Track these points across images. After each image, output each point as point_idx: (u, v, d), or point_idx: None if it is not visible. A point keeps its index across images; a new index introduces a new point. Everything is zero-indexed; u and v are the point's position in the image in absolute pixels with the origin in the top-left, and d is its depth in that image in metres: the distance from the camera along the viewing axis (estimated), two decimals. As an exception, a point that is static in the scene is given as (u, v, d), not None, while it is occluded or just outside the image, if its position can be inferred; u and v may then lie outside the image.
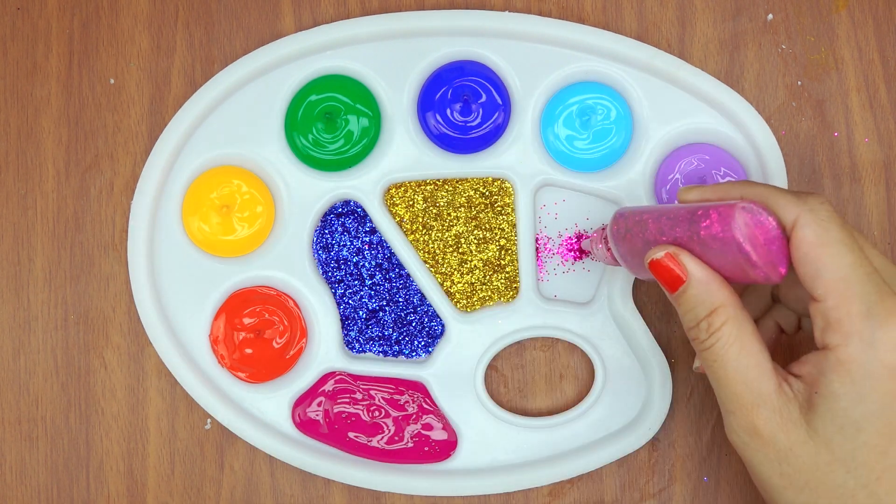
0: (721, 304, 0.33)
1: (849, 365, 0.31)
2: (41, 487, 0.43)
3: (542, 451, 0.42)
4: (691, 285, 0.33)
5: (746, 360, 0.33)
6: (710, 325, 0.33)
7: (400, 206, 0.43)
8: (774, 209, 0.32)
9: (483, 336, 0.42)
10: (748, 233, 0.32)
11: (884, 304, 0.31)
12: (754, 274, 0.32)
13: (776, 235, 0.32)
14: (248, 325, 0.42)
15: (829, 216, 0.32)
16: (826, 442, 0.32)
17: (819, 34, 0.43)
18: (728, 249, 0.32)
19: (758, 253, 0.32)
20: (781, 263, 0.32)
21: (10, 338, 0.43)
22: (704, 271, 0.33)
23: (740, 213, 0.32)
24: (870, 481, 0.31)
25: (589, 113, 0.41)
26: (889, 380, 0.31)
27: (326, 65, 0.42)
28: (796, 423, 0.32)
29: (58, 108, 0.43)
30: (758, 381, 0.33)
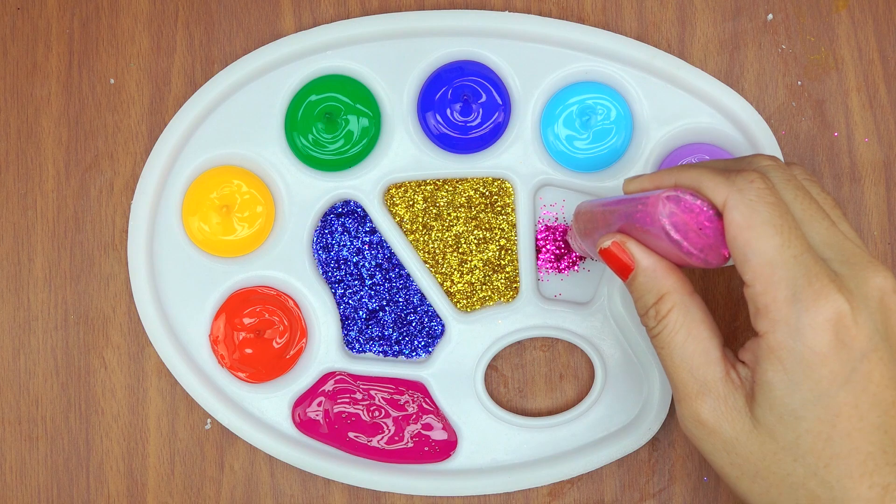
0: (668, 290, 0.33)
1: (779, 352, 0.31)
2: (41, 487, 0.43)
3: (542, 451, 0.42)
4: (639, 273, 0.33)
5: (693, 346, 0.33)
6: (658, 312, 0.33)
7: (400, 206, 0.43)
8: (706, 193, 0.32)
9: (483, 336, 0.42)
10: (676, 221, 0.31)
11: (811, 287, 0.30)
12: (692, 260, 0.32)
13: (710, 219, 0.32)
14: (248, 325, 0.42)
15: (758, 195, 0.31)
16: (769, 431, 0.31)
17: (819, 34, 0.43)
18: (661, 238, 0.32)
19: (690, 240, 0.32)
20: (723, 246, 0.32)
21: (10, 338, 0.43)
22: (650, 259, 0.33)
23: (664, 202, 0.32)
24: (818, 468, 0.31)
25: (589, 113, 0.41)
26: (820, 365, 0.30)
27: (326, 65, 0.42)
28: (741, 412, 0.32)
29: (58, 108, 0.43)
30: (703, 368, 0.33)
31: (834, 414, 0.30)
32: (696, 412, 0.33)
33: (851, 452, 0.30)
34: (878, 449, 0.30)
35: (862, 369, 0.30)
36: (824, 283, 0.30)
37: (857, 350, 0.30)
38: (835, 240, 0.32)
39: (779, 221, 0.31)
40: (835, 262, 0.31)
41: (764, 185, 0.31)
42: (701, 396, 0.33)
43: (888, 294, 0.31)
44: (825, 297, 0.30)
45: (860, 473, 0.30)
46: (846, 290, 0.30)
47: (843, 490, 0.31)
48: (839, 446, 0.31)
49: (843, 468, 0.31)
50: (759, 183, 0.31)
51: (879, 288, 0.31)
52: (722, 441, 0.32)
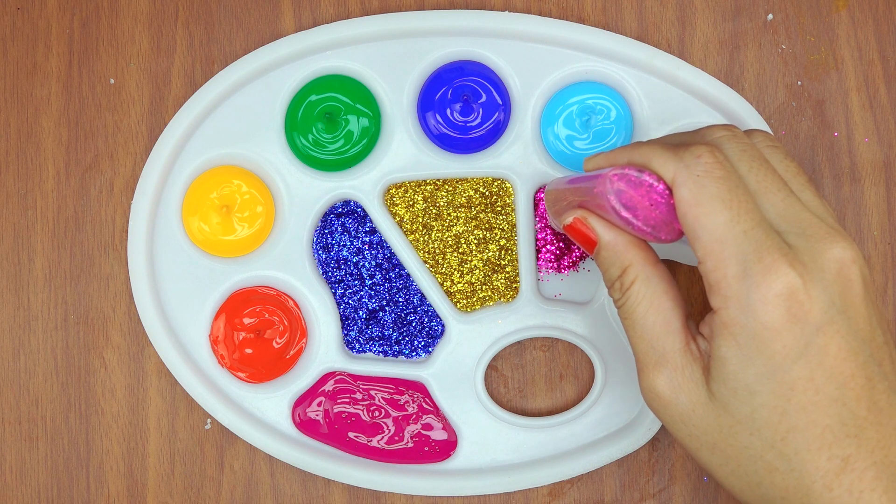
0: (630, 263, 0.33)
1: (732, 328, 0.30)
2: (41, 487, 0.43)
3: (542, 451, 0.42)
4: (601, 247, 0.33)
5: (654, 317, 0.33)
6: (623, 285, 0.33)
7: (400, 206, 0.43)
8: (656, 169, 0.31)
9: (483, 336, 0.42)
10: (625, 198, 0.32)
11: (761, 262, 0.30)
12: (646, 236, 0.32)
13: (661, 195, 0.31)
14: (248, 325, 0.42)
15: (706, 170, 0.31)
16: (724, 405, 0.31)
17: (819, 34, 0.43)
18: (612, 215, 0.32)
19: (640, 216, 0.32)
20: (676, 221, 0.32)
21: (10, 338, 0.43)
22: (611, 233, 0.33)
23: (611, 179, 0.32)
24: (775, 441, 0.31)
25: (589, 113, 0.41)
26: (773, 340, 0.30)
27: (326, 65, 0.42)
28: (698, 384, 0.32)
29: (58, 108, 0.44)
30: (662, 339, 0.32)
31: (789, 388, 0.30)
32: (654, 383, 0.33)
33: (808, 425, 0.30)
34: (837, 421, 0.30)
35: (817, 342, 0.30)
36: (775, 258, 0.30)
37: (811, 324, 0.30)
38: (791, 211, 0.31)
39: (727, 196, 0.30)
40: (790, 235, 0.31)
41: (713, 160, 0.31)
42: (659, 367, 0.32)
43: (846, 265, 0.31)
44: (775, 272, 0.30)
45: (818, 446, 0.30)
46: (799, 263, 0.30)
47: (802, 462, 0.30)
48: (795, 420, 0.30)
49: (801, 441, 0.30)
50: (706, 157, 0.31)
51: (837, 259, 0.30)
52: (679, 413, 0.32)
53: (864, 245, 0.43)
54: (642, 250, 0.33)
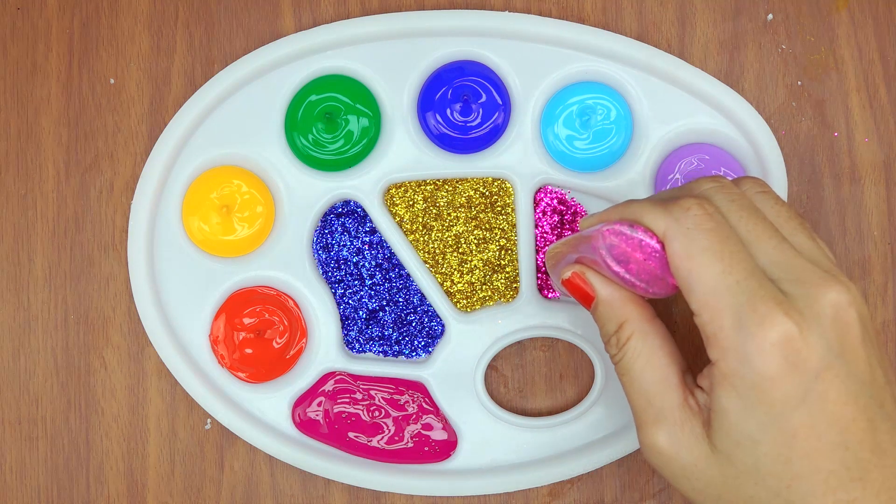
0: (626, 319, 0.33)
1: (731, 379, 0.30)
2: (41, 487, 0.43)
3: (542, 451, 0.42)
4: (598, 302, 0.34)
5: (651, 374, 0.33)
6: (619, 340, 0.33)
7: (400, 206, 0.43)
8: (647, 224, 0.32)
9: (483, 336, 0.42)
10: (617, 252, 0.32)
11: (756, 312, 0.30)
12: (640, 291, 0.32)
13: (654, 250, 0.32)
14: (248, 325, 0.42)
15: (696, 222, 0.31)
16: (727, 456, 0.31)
17: (819, 34, 0.43)
18: (605, 270, 0.33)
19: (632, 271, 0.32)
20: (670, 276, 0.32)
21: (10, 338, 0.43)
22: (608, 288, 0.33)
23: (603, 235, 0.32)
24: (780, 490, 0.31)
25: (589, 113, 0.41)
26: (772, 389, 0.30)
27: (326, 65, 0.42)
28: (699, 439, 0.32)
29: (58, 108, 0.44)
30: (661, 395, 0.33)
31: (791, 436, 0.30)
32: (654, 439, 0.33)
33: (812, 472, 0.30)
34: (841, 466, 0.30)
35: (816, 389, 0.30)
36: (769, 307, 0.30)
37: (810, 370, 0.30)
38: (784, 258, 0.31)
39: (719, 247, 0.31)
40: (785, 282, 0.31)
41: (701, 212, 0.31)
42: (658, 423, 0.33)
43: (842, 309, 0.30)
44: (770, 321, 0.30)
45: (823, 492, 0.30)
46: (795, 310, 0.30)
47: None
48: (799, 467, 0.30)
49: (806, 488, 0.30)
50: (695, 210, 0.31)
51: (833, 304, 0.30)
52: (681, 467, 0.32)
53: (864, 245, 0.43)
54: (639, 306, 0.33)
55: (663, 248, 0.32)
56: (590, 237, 0.33)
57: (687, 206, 0.31)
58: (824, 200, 0.43)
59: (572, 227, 0.42)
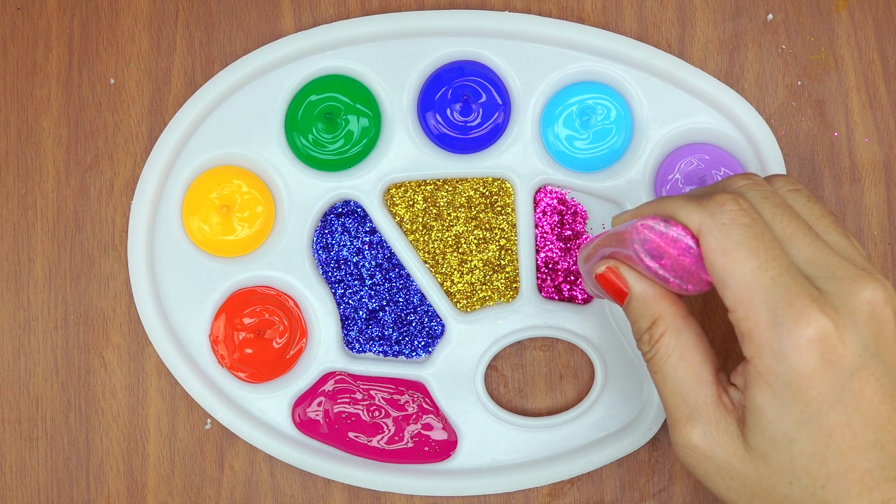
0: (660, 315, 0.33)
1: (766, 376, 0.30)
2: (41, 487, 0.43)
3: (542, 451, 0.42)
4: (632, 298, 0.33)
5: (684, 371, 0.32)
6: (651, 337, 0.33)
7: (400, 206, 0.43)
8: (682, 220, 0.32)
9: (483, 336, 0.42)
10: (651, 247, 0.32)
11: (792, 308, 0.30)
12: (673, 287, 0.32)
13: (688, 246, 0.32)
14: (248, 325, 0.42)
15: (731, 218, 0.31)
16: (762, 455, 0.31)
17: (819, 34, 0.43)
18: (639, 265, 0.32)
19: (666, 267, 0.32)
20: (704, 272, 0.32)
21: (10, 338, 0.43)
22: (642, 284, 0.33)
23: (637, 229, 0.32)
24: (815, 489, 0.30)
25: (589, 113, 0.41)
26: (808, 387, 0.30)
27: (326, 65, 0.42)
28: (733, 437, 0.32)
29: (58, 108, 0.44)
30: (694, 392, 0.32)
31: (826, 434, 0.30)
32: (688, 437, 0.32)
33: (847, 471, 0.30)
34: (876, 466, 0.30)
35: (852, 387, 0.30)
36: (805, 304, 0.30)
37: (846, 368, 0.30)
38: (819, 255, 0.31)
39: (754, 243, 0.30)
40: (820, 279, 0.31)
41: (737, 207, 0.31)
42: (692, 421, 0.32)
43: (878, 306, 0.30)
44: (806, 318, 0.30)
45: (858, 491, 0.30)
46: (830, 307, 0.30)
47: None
48: (834, 466, 0.30)
49: (841, 487, 0.30)
50: (731, 205, 0.31)
51: (868, 301, 0.30)
52: (715, 466, 0.32)
53: (864, 245, 0.43)
54: (672, 303, 0.33)
55: (698, 243, 0.31)
56: (623, 232, 0.33)
57: (722, 201, 0.31)
58: (824, 200, 0.43)
59: (572, 227, 0.42)
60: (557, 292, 0.43)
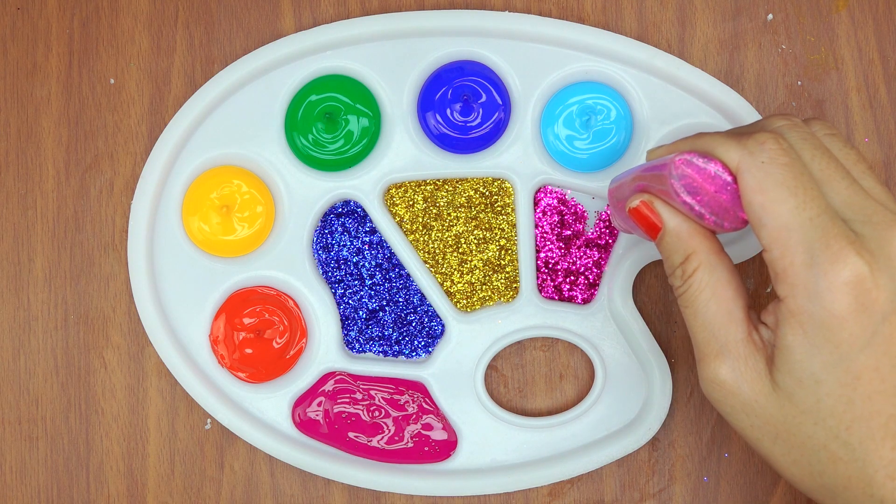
0: (694, 250, 0.33)
1: (799, 316, 0.30)
2: (41, 487, 0.43)
3: (542, 451, 0.42)
4: (666, 233, 0.33)
5: (716, 306, 0.32)
6: (685, 272, 0.33)
7: (400, 206, 0.43)
8: (720, 157, 0.31)
9: (483, 336, 0.42)
10: (688, 183, 0.31)
11: (829, 249, 0.30)
12: (709, 224, 0.32)
13: (726, 182, 0.31)
14: (248, 325, 0.42)
15: (771, 157, 0.30)
16: (789, 395, 0.31)
17: (819, 34, 0.43)
18: (675, 200, 0.32)
19: (703, 203, 0.31)
20: (740, 210, 0.31)
21: (10, 338, 0.43)
22: (677, 219, 0.33)
23: (675, 164, 0.32)
24: (839, 431, 0.30)
25: (589, 113, 0.41)
26: (840, 328, 0.30)
27: (326, 65, 0.42)
28: (761, 375, 0.32)
29: (58, 108, 0.44)
30: (725, 328, 0.32)
31: (854, 377, 0.30)
32: (716, 372, 0.32)
33: (873, 415, 0.30)
34: None
35: (883, 331, 0.30)
36: (842, 245, 0.30)
37: (878, 312, 0.30)
38: (856, 199, 0.31)
39: (793, 183, 0.30)
40: (856, 223, 0.31)
41: (776, 146, 0.31)
42: (721, 356, 0.32)
43: None
44: (843, 260, 0.29)
45: (882, 436, 0.30)
46: (866, 251, 0.30)
47: (865, 452, 0.30)
48: (860, 409, 0.30)
49: (865, 430, 0.30)
50: (770, 144, 0.31)
51: None
52: (741, 402, 0.32)
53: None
54: (706, 238, 0.33)
55: (735, 181, 0.31)
56: (660, 167, 0.32)
57: (762, 140, 0.31)
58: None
59: (572, 227, 0.42)
60: (557, 292, 0.43)
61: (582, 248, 0.42)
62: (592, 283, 0.42)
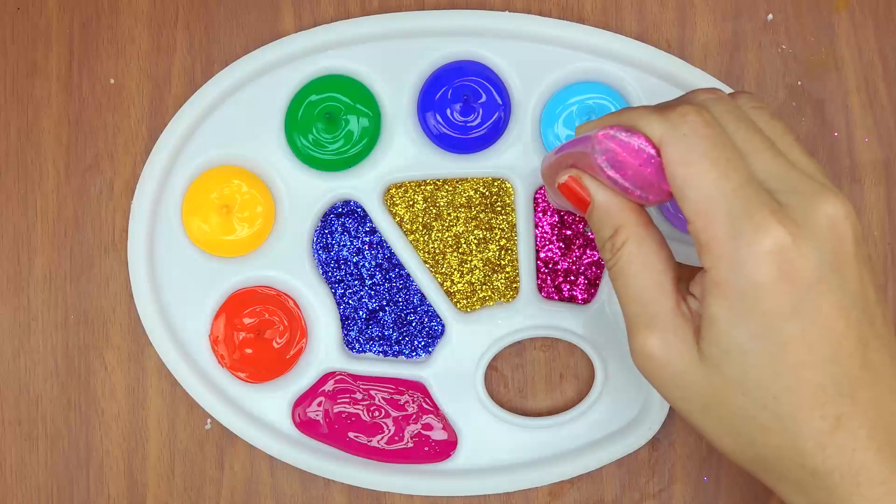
0: (622, 224, 0.32)
1: (723, 287, 0.30)
2: (41, 487, 0.43)
3: (542, 451, 0.42)
4: (594, 207, 0.33)
5: (645, 279, 0.32)
6: (613, 245, 0.33)
7: (400, 206, 0.43)
8: (643, 130, 0.31)
9: (483, 336, 0.42)
10: (611, 157, 0.31)
11: (751, 220, 0.29)
12: (634, 198, 0.32)
13: (650, 156, 0.31)
14: (248, 325, 0.42)
15: (693, 129, 0.30)
16: (716, 365, 0.31)
17: (819, 34, 0.43)
18: (600, 175, 0.32)
19: (628, 176, 0.31)
20: (664, 182, 0.31)
21: (10, 338, 0.43)
22: (604, 193, 0.33)
23: (598, 139, 0.31)
24: (768, 402, 0.30)
25: (589, 113, 0.41)
26: (764, 299, 0.29)
27: (326, 65, 0.42)
28: (689, 346, 0.31)
29: (58, 108, 0.44)
30: (654, 300, 0.32)
31: (781, 347, 0.30)
32: (644, 344, 0.32)
33: (801, 385, 0.30)
34: (830, 380, 0.30)
35: (809, 301, 0.29)
36: (764, 216, 0.29)
37: (803, 282, 0.29)
38: (781, 170, 0.31)
39: (715, 154, 0.30)
40: (782, 193, 0.30)
41: (699, 118, 0.30)
42: (650, 328, 0.32)
43: (839, 221, 0.30)
44: (765, 230, 0.29)
45: (811, 405, 0.30)
46: (790, 220, 0.30)
47: (795, 422, 0.30)
48: (788, 379, 0.30)
49: (794, 401, 0.30)
50: (692, 116, 0.30)
51: (829, 216, 0.30)
52: (670, 374, 0.32)
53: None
54: (634, 212, 0.33)
55: (659, 154, 0.31)
56: (583, 141, 0.32)
57: (684, 112, 0.31)
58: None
59: (572, 227, 0.42)
60: (557, 292, 0.43)
61: (582, 248, 0.42)
62: (592, 283, 0.42)
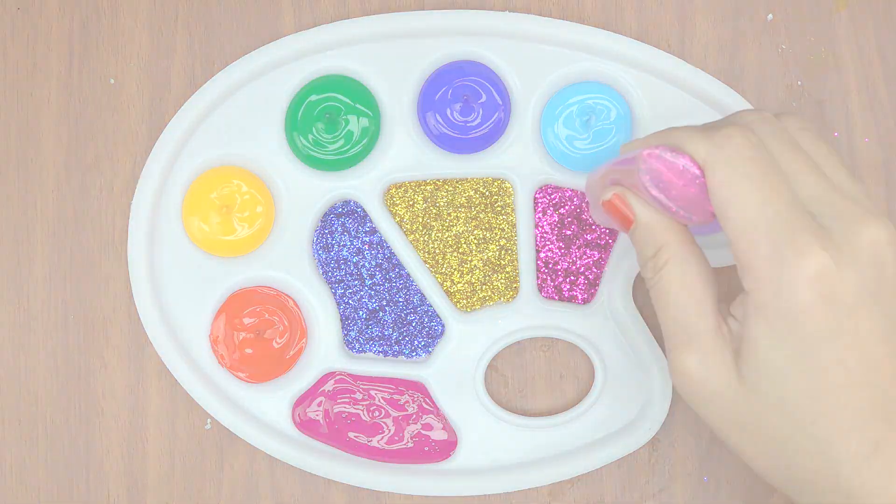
0: (665, 243, 0.33)
1: (764, 310, 0.30)
2: (41, 487, 0.43)
3: (542, 452, 0.42)
4: (638, 225, 0.33)
5: (686, 299, 0.32)
6: (655, 264, 0.33)
7: (400, 206, 0.43)
8: (689, 151, 0.31)
9: (483, 336, 0.42)
10: (656, 177, 0.32)
11: (794, 243, 0.30)
12: (677, 217, 0.32)
13: (694, 176, 0.31)
14: (248, 325, 0.42)
15: (737, 150, 0.31)
16: (755, 387, 0.31)
17: (819, 34, 0.43)
18: (645, 194, 0.32)
19: (672, 196, 0.32)
20: (709, 204, 0.31)
21: (10, 338, 0.43)
22: (648, 212, 0.33)
23: (644, 159, 0.32)
24: (805, 425, 0.30)
25: (589, 113, 0.41)
26: (804, 322, 0.30)
27: (326, 65, 0.42)
28: (728, 367, 0.32)
29: (58, 108, 0.44)
30: (695, 320, 0.32)
31: (820, 370, 0.30)
32: (684, 364, 0.32)
33: (839, 409, 0.30)
34: (868, 404, 0.30)
35: (848, 325, 0.30)
36: (807, 239, 0.30)
37: (843, 305, 0.30)
38: (824, 193, 0.31)
39: (759, 176, 0.30)
40: (824, 217, 0.31)
41: (743, 140, 0.31)
42: (689, 348, 0.32)
43: (881, 246, 0.30)
44: (808, 254, 0.29)
45: (849, 429, 0.30)
46: (832, 244, 0.30)
47: (832, 445, 0.30)
48: (826, 403, 0.30)
49: (831, 424, 0.30)
50: (737, 138, 0.31)
51: (871, 240, 0.30)
52: (709, 394, 0.32)
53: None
54: (678, 231, 0.33)
55: (703, 174, 0.31)
56: (630, 161, 0.33)
57: (729, 134, 0.31)
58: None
59: (572, 227, 0.42)
60: (557, 292, 0.43)
61: (582, 248, 0.42)
62: (592, 282, 0.42)
